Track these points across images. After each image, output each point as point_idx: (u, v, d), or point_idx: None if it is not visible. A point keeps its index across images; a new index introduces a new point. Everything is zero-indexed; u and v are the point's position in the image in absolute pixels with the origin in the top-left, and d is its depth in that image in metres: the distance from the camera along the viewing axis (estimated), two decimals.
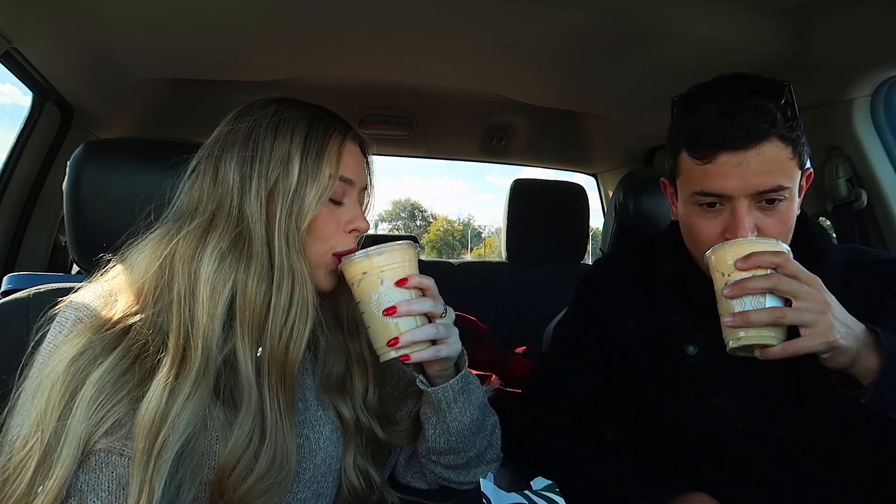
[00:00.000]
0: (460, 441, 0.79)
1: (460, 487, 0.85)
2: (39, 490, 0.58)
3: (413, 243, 0.73)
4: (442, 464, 0.83)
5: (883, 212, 1.30)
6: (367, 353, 0.82)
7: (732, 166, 0.78)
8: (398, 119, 2.09)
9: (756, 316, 0.72)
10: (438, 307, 0.72)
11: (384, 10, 1.20)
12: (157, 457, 0.60)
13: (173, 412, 0.61)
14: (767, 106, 0.79)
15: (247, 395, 0.67)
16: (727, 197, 0.80)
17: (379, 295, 0.70)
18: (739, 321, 0.73)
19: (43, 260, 1.70)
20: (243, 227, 0.70)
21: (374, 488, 0.81)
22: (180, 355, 0.64)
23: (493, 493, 0.78)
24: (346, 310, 0.82)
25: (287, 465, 0.69)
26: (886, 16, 1.05)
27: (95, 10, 1.19)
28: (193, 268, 0.67)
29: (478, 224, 59.69)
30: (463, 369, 0.78)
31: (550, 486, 0.80)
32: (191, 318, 0.65)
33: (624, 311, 0.97)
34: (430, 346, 0.71)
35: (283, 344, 0.69)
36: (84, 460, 0.60)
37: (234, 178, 0.71)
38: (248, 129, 0.73)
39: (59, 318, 0.68)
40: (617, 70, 1.45)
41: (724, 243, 0.77)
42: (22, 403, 0.63)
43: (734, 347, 0.74)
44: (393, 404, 0.88)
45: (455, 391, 0.77)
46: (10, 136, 1.55)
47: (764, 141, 0.78)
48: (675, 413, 0.92)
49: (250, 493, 0.66)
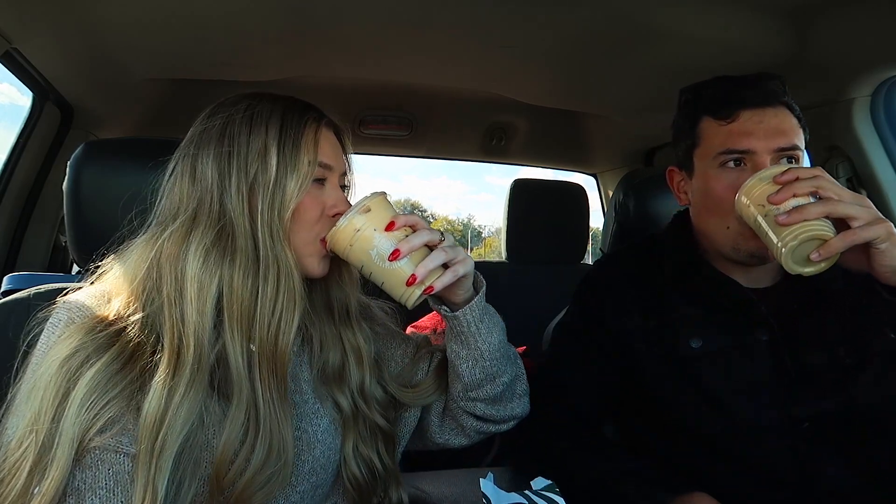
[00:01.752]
0: (493, 365, 0.81)
1: (498, 429, 0.86)
2: (35, 491, 0.58)
3: (379, 192, 0.74)
4: (481, 399, 0.83)
5: (883, 212, 1.29)
6: (363, 343, 0.83)
7: (755, 123, 0.86)
8: (398, 119, 2.08)
9: (811, 208, 0.73)
10: (435, 235, 0.73)
11: (384, 10, 1.20)
12: (158, 456, 0.61)
13: (171, 411, 0.62)
14: (776, 78, 0.89)
15: (237, 388, 0.67)
16: (751, 153, 0.85)
17: (376, 248, 0.71)
18: (796, 217, 0.73)
19: (43, 260, 1.70)
20: (226, 221, 0.70)
21: (376, 476, 0.81)
22: (175, 355, 0.65)
23: (493, 493, 0.78)
24: (336, 301, 0.82)
25: (284, 455, 0.69)
26: (886, 16, 1.05)
27: (95, 10, 1.19)
28: (179, 267, 0.68)
29: (478, 224, 59.83)
30: (481, 289, 0.80)
31: (550, 486, 0.79)
32: (181, 317, 0.66)
33: (625, 310, 0.98)
34: (445, 271, 0.72)
35: (272, 335, 0.69)
36: (80, 459, 0.60)
37: (213, 175, 0.71)
38: (223, 125, 0.73)
39: (53, 319, 0.68)
40: (617, 70, 1.45)
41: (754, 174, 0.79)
42: (17, 405, 0.63)
43: (793, 245, 0.73)
44: (407, 375, 0.88)
45: (480, 310, 0.79)
46: (10, 136, 1.55)
47: (779, 104, 0.87)
48: (680, 410, 0.92)
49: (250, 487, 0.66)
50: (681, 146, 0.95)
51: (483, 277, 0.81)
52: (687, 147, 0.94)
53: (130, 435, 0.62)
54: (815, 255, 0.73)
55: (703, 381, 0.90)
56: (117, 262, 0.72)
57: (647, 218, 1.43)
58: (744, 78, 0.89)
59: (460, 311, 0.78)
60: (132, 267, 0.70)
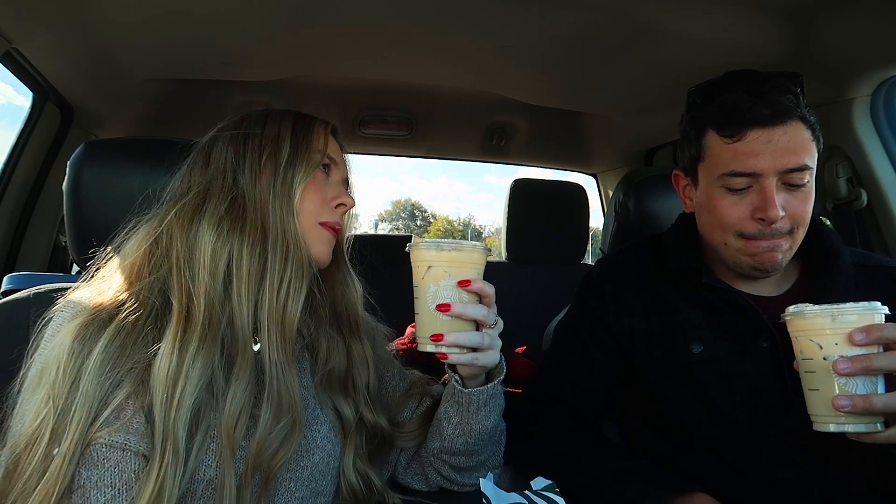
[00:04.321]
0: (478, 444, 0.81)
1: (461, 489, 0.86)
2: (56, 452, 0.60)
3: (487, 248, 0.73)
4: (451, 464, 0.84)
5: (883, 212, 1.30)
6: (369, 351, 0.83)
7: (763, 143, 0.80)
8: (398, 119, 2.08)
9: (879, 400, 0.64)
10: (490, 317, 0.72)
11: (384, 10, 1.20)
12: (176, 407, 0.63)
13: (186, 364, 0.65)
14: (790, 87, 0.82)
15: (242, 348, 0.70)
16: (757, 175, 0.81)
17: (438, 288, 0.70)
18: (860, 405, 0.64)
19: (43, 260, 1.70)
20: (237, 193, 0.74)
21: (373, 490, 0.82)
22: (185, 313, 0.67)
23: (493, 493, 0.78)
24: (345, 309, 0.84)
25: (293, 412, 0.70)
26: (886, 16, 1.05)
27: (95, 10, 1.19)
28: (191, 234, 0.71)
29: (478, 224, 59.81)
30: (498, 377, 0.79)
31: (550, 486, 0.79)
32: (191, 278, 0.69)
33: (626, 310, 0.97)
34: (470, 352, 0.72)
35: (280, 302, 0.72)
36: (85, 455, 0.61)
37: (228, 155, 0.76)
38: (239, 119, 0.79)
39: (57, 318, 0.69)
40: (616, 70, 1.45)
41: (816, 307, 0.69)
42: (26, 390, 0.64)
43: (831, 431, 0.68)
44: (394, 407, 0.88)
45: (488, 395, 0.78)
46: (10, 135, 1.55)
47: (790, 119, 0.81)
48: (679, 412, 0.92)
49: (265, 447, 0.68)
50: (686, 154, 0.92)
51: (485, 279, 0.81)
52: (692, 157, 0.90)
53: (137, 433, 0.63)
54: (851, 436, 0.68)
55: (702, 385, 0.89)
56: (118, 253, 0.74)
57: (647, 218, 1.42)
58: (758, 87, 0.82)
59: (469, 390, 0.77)
60: (135, 243, 0.72)
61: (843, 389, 0.66)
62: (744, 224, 0.83)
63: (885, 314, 0.68)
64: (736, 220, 0.84)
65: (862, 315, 0.67)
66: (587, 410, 1.00)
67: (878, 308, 0.68)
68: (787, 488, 0.85)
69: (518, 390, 1.25)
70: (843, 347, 0.66)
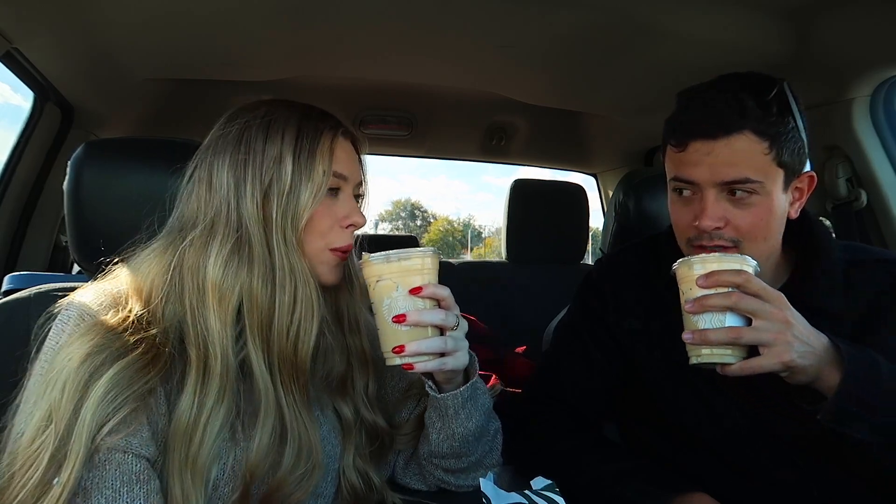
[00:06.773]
0: (464, 446, 0.80)
1: (458, 490, 0.86)
2: (56, 482, 0.58)
3: (436, 252, 0.72)
4: (442, 467, 0.83)
5: (883, 212, 1.30)
6: (369, 350, 0.83)
7: (703, 154, 0.81)
8: (398, 119, 2.08)
9: (714, 335, 0.72)
10: (450, 319, 0.71)
11: (384, 10, 1.20)
12: (192, 463, 0.63)
13: (203, 417, 0.64)
14: (744, 99, 0.80)
15: (265, 396, 0.69)
16: (697, 185, 0.83)
17: (391, 300, 0.70)
18: (698, 339, 0.73)
19: (44, 260, 1.70)
20: (242, 231, 0.70)
21: (373, 489, 0.82)
22: (203, 364, 0.66)
23: (493, 493, 0.78)
24: (346, 308, 0.82)
25: (313, 456, 0.70)
26: (886, 16, 1.05)
27: (95, 10, 1.19)
28: (200, 277, 0.69)
29: (478, 224, 59.79)
30: (473, 378, 0.78)
31: (550, 486, 0.79)
32: (205, 326, 0.67)
33: (626, 310, 0.98)
34: (436, 358, 0.71)
35: (290, 343, 0.70)
36: (89, 458, 0.61)
37: (229, 183, 0.71)
38: (239, 131, 0.73)
39: (62, 317, 0.68)
40: (616, 70, 1.45)
41: (689, 258, 0.77)
42: (27, 399, 0.63)
43: (694, 364, 0.75)
44: (392, 407, 0.88)
45: (463, 398, 0.77)
46: (11, 135, 1.56)
47: (735, 132, 0.79)
48: (678, 413, 0.92)
49: (281, 489, 0.68)
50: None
51: (483, 279, 0.81)
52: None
53: (141, 437, 0.63)
54: (718, 370, 0.74)
55: (699, 387, 0.89)
56: (129, 265, 0.73)
57: (647, 218, 1.43)
58: (713, 97, 0.82)
59: (442, 395, 0.76)
60: (151, 272, 0.70)
61: (695, 326, 0.74)
62: (688, 230, 0.86)
63: (752, 267, 0.75)
64: (683, 225, 0.86)
65: (720, 261, 0.74)
66: (587, 410, 1.00)
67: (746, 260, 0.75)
68: (787, 489, 0.85)
69: (518, 390, 1.25)
70: (695, 291, 0.74)
